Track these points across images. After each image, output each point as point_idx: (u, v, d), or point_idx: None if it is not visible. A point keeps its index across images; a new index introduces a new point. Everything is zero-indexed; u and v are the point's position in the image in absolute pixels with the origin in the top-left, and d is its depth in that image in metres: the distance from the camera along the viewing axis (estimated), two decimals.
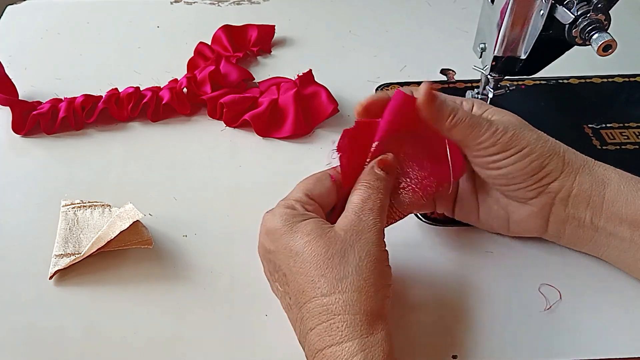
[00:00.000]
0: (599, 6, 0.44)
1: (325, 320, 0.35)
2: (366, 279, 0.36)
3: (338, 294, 0.35)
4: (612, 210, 0.42)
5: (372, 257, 0.37)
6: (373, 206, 0.39)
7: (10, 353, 0.42)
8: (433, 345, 0.42)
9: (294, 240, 0.38)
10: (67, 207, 0.50)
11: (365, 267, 0.36)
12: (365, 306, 0.35)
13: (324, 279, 0.36)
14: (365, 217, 0.38)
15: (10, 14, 0.78)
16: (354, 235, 0.37)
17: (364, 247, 0.37)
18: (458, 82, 0.65)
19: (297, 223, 0.38)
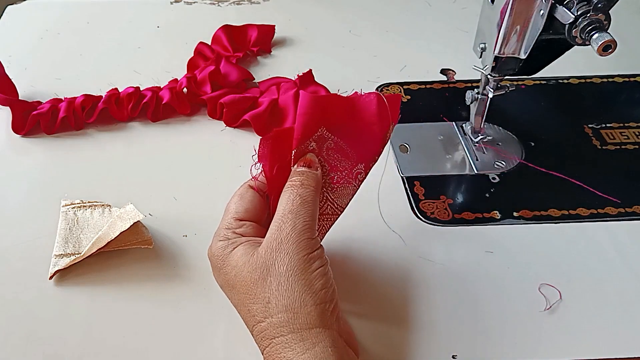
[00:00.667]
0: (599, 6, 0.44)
1: (267, 345, 0.35)
2: (289, 296, 0.35)
3: (269, 318, 0.35)
4: None
5: (293, 270, 0.35)
6: (293, 207, 0.37)
7: (10, 353, 0.42)
8: (433, 345, 0.42)
9: (227, 274, 0.38)
10: (67, 207, 0.50)
11: (286, 283, 0.35)
12: (295, 324, 0.34)
13: (256, 306, 0.36)
14: (284, 223, 0.36)
15: (10, 14, 0.78)
16: (274, 251, 0.36)
17: (283, 261, 0.36)
18: (458, 82, 0.66)
19: (228, 255, 0.38)
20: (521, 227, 0.50)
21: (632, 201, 0.52)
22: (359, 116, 0.42)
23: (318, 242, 0.38)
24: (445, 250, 0.48)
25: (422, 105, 0.63)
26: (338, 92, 0.60)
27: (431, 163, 0.56)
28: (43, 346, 0.43)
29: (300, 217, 0.37)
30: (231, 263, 0.37)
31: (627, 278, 0.46)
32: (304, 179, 0.39)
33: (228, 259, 0.38)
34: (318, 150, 0.41)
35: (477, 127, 0.56)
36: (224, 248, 0.38)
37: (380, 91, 0.64)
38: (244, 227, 0.39)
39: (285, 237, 0.36)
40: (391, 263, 0.48)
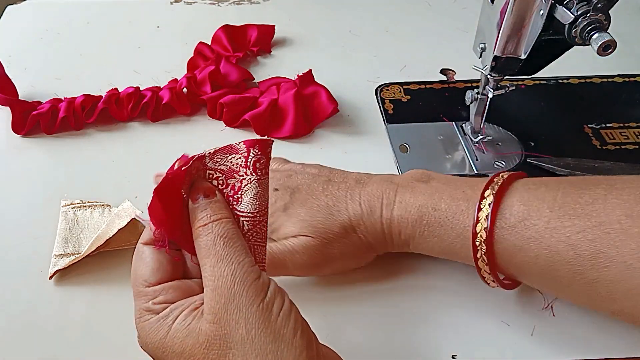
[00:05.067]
0: (599, 6, 0.44)
1: None
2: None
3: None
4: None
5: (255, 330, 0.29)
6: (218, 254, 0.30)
7: (10, 353, 0.42)
8: (433, 345, 0.42)
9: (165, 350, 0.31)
10: (67, 207, 0.50)
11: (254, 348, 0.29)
12: None
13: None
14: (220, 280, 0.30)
15: (10, 14, 0.78)
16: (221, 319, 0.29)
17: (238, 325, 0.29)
18: (458, 82, 0.66)
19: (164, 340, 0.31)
20: None
21: None
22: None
23: (265, 278, 0.31)
24: None
25: (422, 105, 0.63)
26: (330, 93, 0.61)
27: (431, 163, 0.56)
28: (43, 346, 0.42)
29: (233, 262, 0.30)
30: (173, 349, 0.30)
31: None
32: (210, 213, 0.32)
33: (166, 345, 0.30)
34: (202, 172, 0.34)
35: (477, 127, 0.56)
36: (156, 332, 0.31)
37: (380, 91, 0.64)
38: (163, 294, 0.32)
39: (228, 295, 0.29)
40: (390, 263, 0.48)
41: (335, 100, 0.60)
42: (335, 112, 0.60)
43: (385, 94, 0.64)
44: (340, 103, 0.61)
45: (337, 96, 0.61)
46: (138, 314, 0.32)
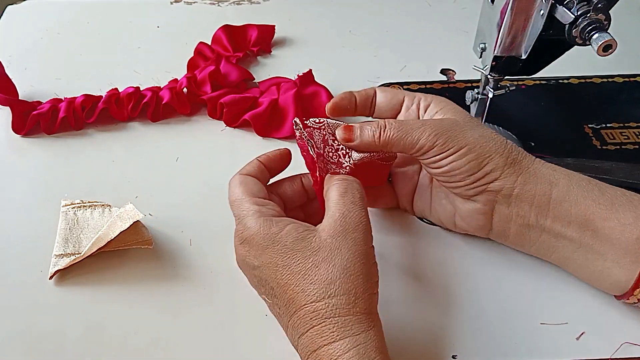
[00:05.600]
0: (599, 6, 0.44)
1: (317, 324, 0.36)
2: (354, 280, 0.36)
3: (327, 298, 0.36)
4: (559, 211, 0.42)
5: (359, 257, 0.37)
6: (354, 198, 0.39)
7: (10, 353, 0.42)
8: (433, 345, 0.42)
9: (276, 254, 0.37)
10: (67, 207, 0.50)
11: (353, 268, 0.37)
12: (355, 307, 0.36)
13: (313, 286, 0.36)
14: (350, 212, 0.38)
15: (10, 14, 0.78)
16: (340, 237, 0.37)
17: (350, 248, 0.37)
18: (458, 82, 0.65)
19: (277, 235, 0.38)
20: None
21: None
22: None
23: (372, 241, 0.39)
24: (445, 250, 0.48)
25: None
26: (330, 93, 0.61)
27: None
28: (43, 346, 0.42)
29: (363, 212, 0.39)
30: (285, 243, 0.37)
31: None
32: (353, 178, 0.41)
33: (279, 239, 0.37)
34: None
35: None
36: (269, 227, 0.38)
37: None
38: (272, 207, 0.40)
39: (352, 226, 0.38)
40: (391, 263, 0.48)
41: None
42: None
43: None
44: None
45: None
46: (250, 213, 0.39)
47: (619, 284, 0.41)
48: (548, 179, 0.42)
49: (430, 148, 0.42)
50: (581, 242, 0.42)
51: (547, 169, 0.43)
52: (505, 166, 0.42)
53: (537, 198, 0.42)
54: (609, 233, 0.40)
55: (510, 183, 0.42)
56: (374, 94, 0.48)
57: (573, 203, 0.41)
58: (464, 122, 0.44)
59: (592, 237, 0.41)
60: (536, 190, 0.42)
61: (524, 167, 0.42)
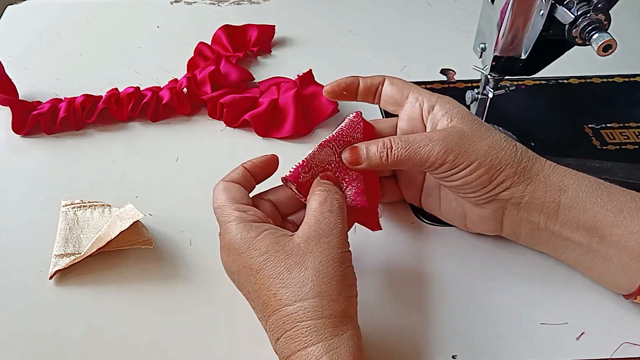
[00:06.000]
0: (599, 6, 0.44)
1: (290, 329, 0.36)
2: (327, 282, 0.36)
3: (300, 302, 0.36)
4: (568, 217, 0.42)
5: (332, 261, 0.37)
6: (332, 207, 0.39)
7: (10, 353, 0.42)
8: (433, 345, 0.42)
9: (252, 258, 0.38)
10: (67, 207, 0.50)
11: (325, 271, 0.36)
12: (328, 310, 0.36)
13: (285, 289, 0.36)
14: (325, 219, 0.38)
15: (10, 14, 0.78)
16: (314, 241, 0.37)
17: (323, 251, 0.37)
18: (458, 82, 0.65)
19: (253, 240, 0.38)
20: None
21: None
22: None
23: (348, 246, 0.39)
24: (445, 250, 0.48)
25: None
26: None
27: None
28: (43, 346, 0.42)
29: (339, 219, 0.39)
30: (259, 248, 0.37)
31: None
32: (335, 189, 0.41)
33: (254, 243, 0.38)
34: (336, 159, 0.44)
35: None
36: (247, 232, 0.38)
37: None
38: (254, 213, 0.40)
39: (326, 231, 0.38)
40: (390, 263, 0.48)
41: (335, 101, 0.60)
42: (335, 112, 0.60)
43: None
44: (341, 103, 0.61)
45: None
46: (231, 218, 0.39)
47: (623, 287, 0.42)
48: (557, 185, 0.42)
49: (440, 165, 0.42)
50: (589, 246, 0.42)
51: (557, 174, 0.43)
52: (516, 176, 0.42)
53: (547, 205, 0.42)
54: (617, 239, 0.41)
55: (519, 192, 0.42)
56: (380, 83, 0.48)
57: (581, 209, 0.41)
58: (472, 131, 0.43)
59: (599, 242, 0.41)
60: (545, 198, 0.42)
61: (534, 175, 0.42)
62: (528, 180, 0.42)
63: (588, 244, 0.42)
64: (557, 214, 0.42)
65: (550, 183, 0.42)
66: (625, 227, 0.40)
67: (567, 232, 0.42)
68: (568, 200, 0.42)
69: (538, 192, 0.42)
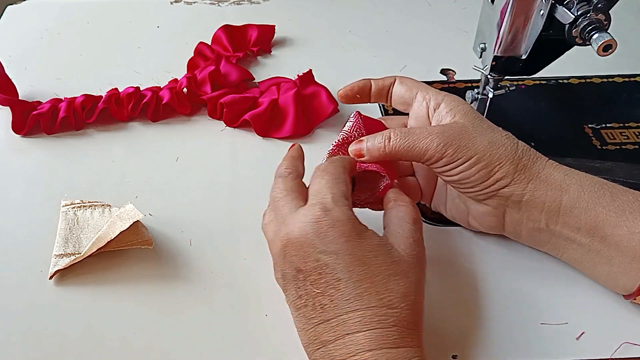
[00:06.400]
0: (599, 6, 0.44)
1: (380, 327, 0.36)
2: (420, 300, 0.38)
3: (400, 309, 0.36)
4: (569, 216, 0.42)
5: (422, 282, 0.39)
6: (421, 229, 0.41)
7: (10, 353, 0.42)
8: (433, 345, 0.42)
9: (362, 249, 0.37)
10: (67, 207, 0.50)
11: (420, 289, 0.39)
12: (417, 322, 0.37)
13: (389, 293, 0.37)
14: (420, 242, 0.40)
15: (10, 14, 0.78)
16: (416, 259, 0.39)
17: (420, 271, 0.39)
18: (458, 82, 0.65)
19: (365, 231, 0.38)
20: None
21: None
22: None
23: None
24: (445, 250, 0.48)
25: None
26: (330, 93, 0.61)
27: None
28: (43, 346, 0.42)
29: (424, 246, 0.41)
30: (371, 244, 0.38)
31: None
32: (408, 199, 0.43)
33: (365, 235, 0.38)
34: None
35: None
36: (357, 221, 0.38)
37: None
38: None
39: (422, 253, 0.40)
40: None
41: (335, 100, 0.60)
42: (335, 112, 0.60)
43: None
44: (340, 103, 0.61)
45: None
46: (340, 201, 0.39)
47: (624, 287, 0.42)
48: (559, 184, 0.42)
49: (439, 158, 0.42)
50: (590, 247, 0.42)
51: (558, 173, 0.43)
52: (516, 173, 0.42)
53: (548, 204, 0.42)
54: (618, 240, 0.40)
55: (520, 190, 0.42)
56: (392, 83, 0.49)
57: (583, 210, 0.41)
58: (472, 126, 0.43)
59: (600, 243, 0.41)
60: (546, 197, 0.42)
61: (535, 173, 0.42)
62: (529, 178, 0.42)
63: (589, 244, 0.42)
64: (558, 214, 0.42)
65: (551, 182, 0.42)
66: (627, 228, 0.40)
67: (568, 232, 0.42)
68: (569, 200, 0.42)
69: (539, 191, 0.42)
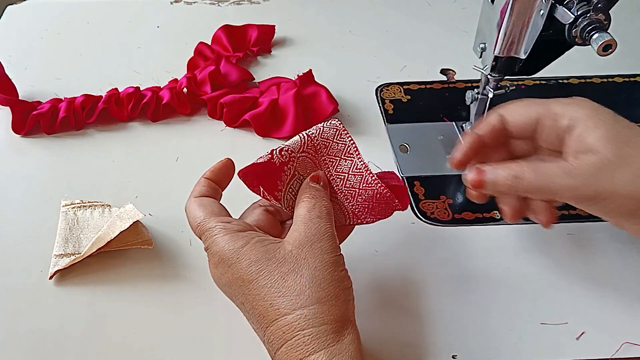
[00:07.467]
0: (599, 6, 0.44)
1: (291, 338, 0.35)
2: (324, 288, 0.36)
3: (299, 310, 0.35)
4: None
5: (327, 265, 0.36)
6: (320, 213, 0.39)
7: (10, 353, 0.42)
8: (433, 345, 0.42)
9: (242, 269, 0.36)
10: (67, 207, 0.50)
11: (321, 276, 0.36)
12: (329, 315, 0.35)
13: (282, 298, 0.35)
14: (314, 225, 0.38)
15: (10, 14, 0.78)
16: (306, 247, 0.37)
17: (317, 257, 0.36)
18: (458, 82, 0.66)
19: (241, 250, 0.37)
20: (521, 227, 0.50)
21: None
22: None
23: (340, 250, 0.38)
24: (445, 250, 0.48)
25: (422, 105, 0.63)
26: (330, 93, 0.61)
27: (431, 163, 0.56)
28: (43, 346, 0.43)
29: (329, 224, 0.38)
30: (249, 257, 0.36)
31: (626, 278, 0.46)
32: (322, 194, 0.40)
33: (243, 253, 0.37)
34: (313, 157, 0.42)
35: None
36: (234, 242, 0.37)
37: (380, 91, 0.64)
38: (237, 223, 0.39)
39: (317, 237, 0.37)
40: (391, 263, 0.48)
41: (335, 100, 0.60)
42: (335, 112, 0.60)
43: (385, 94, 0.64)
44: (340, 103, 0.61)
45: (337, 96, 0.61)
46: (215, 231, 0.38)
47: None
48: None
49: (578, 202, 0.39)
50: None
51: None
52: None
53: None
54: None
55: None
56: (500, 119, 0.43)
57: None
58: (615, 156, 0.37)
59: None
60: None
61: None
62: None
63: None
64: None
65: None
66: None
67: None
68: None
69: None
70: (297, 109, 0.58)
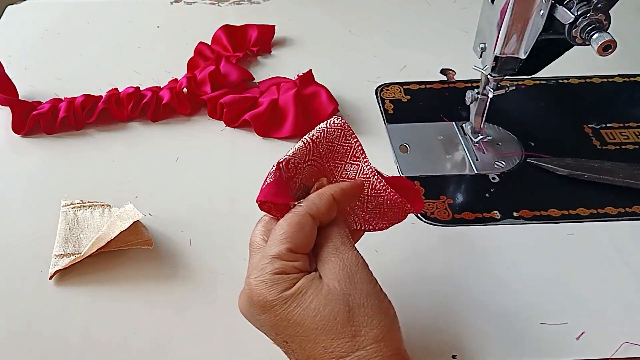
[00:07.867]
0: (599, 6, 0.44)
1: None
2: (377, 325, 0.34)
3: (357, 351, 0.33)
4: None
5: (372, 297, 0.35)
6: (344, 240, 0.37)
7: (10, 353, 0.42)
8: (433, 345, 0.42)
9: (291, 311, 0.34)
10: (67, 207, 0.50)
11: (372, 313, 0.34)
12: (386, 352, 0.34)
13: (337, 342, 0.34)
14: (345, 255, 0.36)
15: (10, 14, 0.78)
16: (348, 282, 0.35)
17: (361, 292, 0.35)
18: (458, 82, 0.66)
19: (288, 290, 0.34)
20: (521, 227, 0.50)
21: (632, 201, 0.52)
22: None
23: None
24: (445, 250, 0.48)
25: (422, 105, 0.63)
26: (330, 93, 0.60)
27: (431, 163, 0.56)
28: (43, 346, 0.42)
29: (355, 250, 0.37)
30: (299, 300, 0.34)
31: (627, 278, 0.46)
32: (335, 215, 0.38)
33: (289, 295, 0.34)
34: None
35: (477, 127, 0.56)
36: (280, 284, 0.35)
37: (380, 91, 0.64)
38: (299, 262, 0.36)
39: (354, 268, 0.35)
40: (391, 263, 0.48)
41: (335, 100, 0.60)
42: (335, 112, 0.60)
43: (385, 94, 0.64)
44: (340, 103, 0.61)
45: (337, 96, 0.61)
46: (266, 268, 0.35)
47: None
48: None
49: None
50: None
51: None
52: None
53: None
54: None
55: None
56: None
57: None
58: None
59: None
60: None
61: None
62: None
63: None
64: None
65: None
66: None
67: None
68: None
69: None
70: (297, 109, 0.58)
